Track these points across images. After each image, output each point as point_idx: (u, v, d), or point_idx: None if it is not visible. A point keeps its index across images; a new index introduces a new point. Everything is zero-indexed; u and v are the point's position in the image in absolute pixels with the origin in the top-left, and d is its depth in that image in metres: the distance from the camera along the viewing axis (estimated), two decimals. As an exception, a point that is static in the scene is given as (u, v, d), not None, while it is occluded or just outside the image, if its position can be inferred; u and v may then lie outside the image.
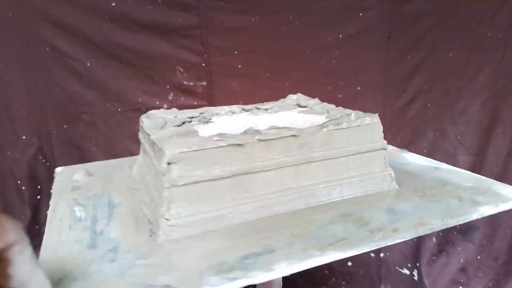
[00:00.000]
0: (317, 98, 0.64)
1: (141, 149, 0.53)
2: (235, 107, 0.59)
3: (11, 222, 0.19)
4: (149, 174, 0.45)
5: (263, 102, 0.69)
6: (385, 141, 0.49)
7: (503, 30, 1.06)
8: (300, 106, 0.59)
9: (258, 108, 0.60)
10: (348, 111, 0.51)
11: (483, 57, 1.09)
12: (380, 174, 0.46)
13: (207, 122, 0.53)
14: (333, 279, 1.19)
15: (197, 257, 0.32)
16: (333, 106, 0.58)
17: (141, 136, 0.49)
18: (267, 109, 0.59)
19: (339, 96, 1.10)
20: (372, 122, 0.47)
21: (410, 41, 1.09)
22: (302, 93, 0.69)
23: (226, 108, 0.58)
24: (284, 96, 0.72)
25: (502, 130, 1.12)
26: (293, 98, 0.64)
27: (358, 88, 1.11)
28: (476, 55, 1.09)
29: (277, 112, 0.57)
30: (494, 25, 1.06)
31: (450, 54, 1.09)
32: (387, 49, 1.09)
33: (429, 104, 1.13)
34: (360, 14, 1.06)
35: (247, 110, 0.59)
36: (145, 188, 0.47)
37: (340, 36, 1.07)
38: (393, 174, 0.48)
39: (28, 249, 0.21)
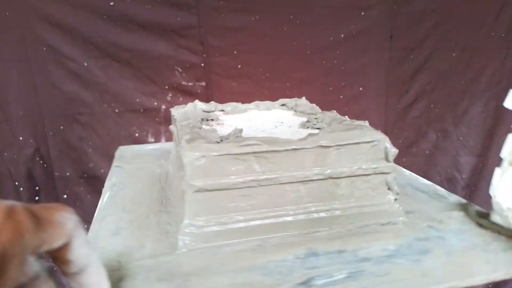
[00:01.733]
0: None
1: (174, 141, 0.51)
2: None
3: (66, 208, 0.20)
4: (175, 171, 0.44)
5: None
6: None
7: (506, 30, 1.05)
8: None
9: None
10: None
11: (486, 57, 1.08)
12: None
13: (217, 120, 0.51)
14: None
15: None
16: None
17: (173, 128, 0.47)
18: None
19: (341, 97, 1.09)
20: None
21: (413, 41, 1.07)
22: (302, 93, 0.67)
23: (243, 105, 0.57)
24: (284, 96, 0.70)
25: (505, 131, 1.11)
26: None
27: (360, 88, 1.10)
28: (479, 55, 1.08)
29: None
30: (497, 25, 1.05)
31: (454, 54, 1.08)
32: (389, 49, 1.07)
33: (432, 105, 1.12)
34: (362, 13, 1.04)
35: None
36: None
37: (342, 35, 1.05)
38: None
39: (83, 233, 0.20)
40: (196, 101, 0.50)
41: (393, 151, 0.36)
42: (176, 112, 0.49)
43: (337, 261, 0.31)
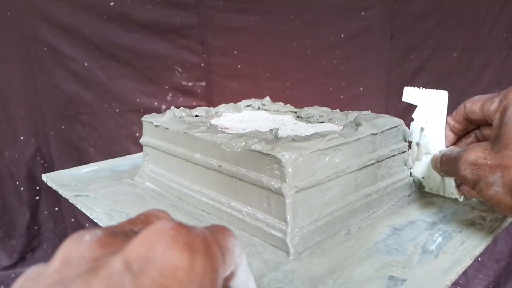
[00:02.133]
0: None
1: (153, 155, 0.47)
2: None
3: (232, 232, 0.17)
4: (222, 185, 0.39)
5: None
6: None
7: (507, 30, 1.05)
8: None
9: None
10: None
11: (487, 57, 1.07)
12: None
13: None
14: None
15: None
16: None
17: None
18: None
19: (341, 97, 1.09)
20: None
21: (414, 41, 1.07)
22: (302, 93, 0.67)
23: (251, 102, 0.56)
24: (284, 96, 0.71)
25: (506, 131, 1.10)
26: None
27: (361, 88, 1.10)
28: (480, 55, 1.07)
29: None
30: (498, 24, 1.04)
31: (454, 54, 1.08)
32: (390, 49, 1.07)
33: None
34: (363, 13, 1.04)
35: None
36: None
37: (342, 35, 1.05)
38: None
39: (245, 257, 0.18)
40: (173, 107, 0.48)
41: (408, 131, 0.43)
42: (156, 120, 0.45)
43: (424, 228, 0.35)
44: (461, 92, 1.10)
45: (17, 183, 1.03)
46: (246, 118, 0.51)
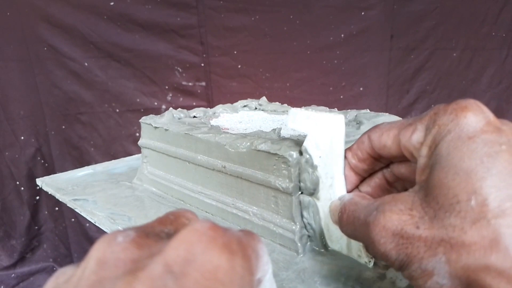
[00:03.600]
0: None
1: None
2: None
3: (260, 238, 0.16)
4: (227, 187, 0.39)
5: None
6: None
7: (506, 30, 1.05)
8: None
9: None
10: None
11: (487, 57, 1.07)
12: None
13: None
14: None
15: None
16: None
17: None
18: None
19: (341, 97, 1.09)
20: None
21: (414, 41, 1.07)
22: (302, 93, 0.67)
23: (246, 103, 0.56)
24: (285, 96, 0.71)
25: (506, 131, 1.10)
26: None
27: (361, 88, 1.10)
28: (479, 55, 1.07)
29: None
30: (498, 24, 1.04)
31: (454, 54, 1.08)
32: (390, 49, 1.07)
33: (432, 105, 1.11)
34: (363, 13, 1.04)
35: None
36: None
37: (342, 35, 1.05)
38: None
39: (270, 265, 0.17)
40: (171, 108, 0.48)
41: None
42: (155, 122, 0.44)
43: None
44: (461, 92, 1.11)
45: (17, 183, 1.03)
46: (244, 119, 0.51)
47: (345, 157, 0.25)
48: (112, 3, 0.96)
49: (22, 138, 1.01)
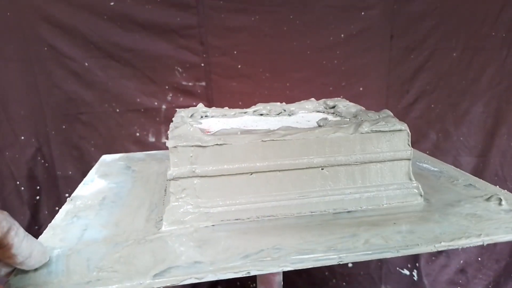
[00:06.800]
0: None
1: None
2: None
3: None
4: None
5: (263, 103, 0.68)
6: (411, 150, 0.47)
7: (507, 30, 1.05)
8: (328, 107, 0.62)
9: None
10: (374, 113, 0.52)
11: (487, 57, 1.07)
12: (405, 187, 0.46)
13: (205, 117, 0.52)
14: (334, 280, 1.19)
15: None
16: (359, 106, 0.60)
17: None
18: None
19: (341, 97, 1.08)
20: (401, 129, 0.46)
21: (414, 41, 1.07)
22: (302, 93, 0.68)
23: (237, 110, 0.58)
24: (285, 96, 0.71)
25: (505, 131, 1.10)
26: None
27: (361, 88, 1.10)
28: (480, 55, 1.07)
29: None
30: (498, 25, 1.04)
31: (454, 54, 1.08)
32: (390, 49, 1.07)
33: (432, 105, 1.12)
34: (363, 13, 1.04)
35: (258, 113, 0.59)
36: None
37: (342, 35, 1.05)
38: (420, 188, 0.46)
39: (20, 230, 0.26)
40: (200, 104, 0.49)
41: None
42: (201, 140, 0.40)
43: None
44: (461, 92, 1.11)
45: (18, 182, 1.03)
46: (239, 123, 0.53)
47: None
48: (112, 3, 0.96)
49: (22, 138, 1.01)
